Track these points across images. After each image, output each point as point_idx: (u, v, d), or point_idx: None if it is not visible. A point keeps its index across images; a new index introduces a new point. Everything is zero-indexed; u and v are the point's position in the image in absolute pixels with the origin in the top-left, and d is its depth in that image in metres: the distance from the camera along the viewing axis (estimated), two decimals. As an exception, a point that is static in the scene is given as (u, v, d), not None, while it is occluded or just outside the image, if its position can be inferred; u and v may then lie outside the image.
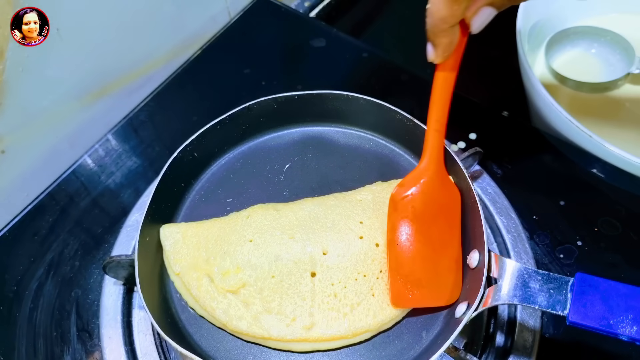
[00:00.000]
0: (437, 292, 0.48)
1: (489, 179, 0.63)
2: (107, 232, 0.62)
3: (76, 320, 0.56)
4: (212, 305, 0.48)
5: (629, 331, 0.39)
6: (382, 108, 0.58)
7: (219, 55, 0.81)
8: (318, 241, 0.51)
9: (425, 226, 0.49)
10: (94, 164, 0.69)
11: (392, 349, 0.48)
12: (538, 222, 0.60)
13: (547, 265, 0.57)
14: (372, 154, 0.61)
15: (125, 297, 0.56)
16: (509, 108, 0.71)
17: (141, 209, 0.55)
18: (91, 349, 0.55)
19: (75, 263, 0.60)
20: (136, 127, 0.73)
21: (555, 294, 0.42)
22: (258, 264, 0.50)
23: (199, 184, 0.59)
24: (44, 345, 0.55)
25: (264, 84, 0.76)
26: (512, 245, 0.58)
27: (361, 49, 0.80)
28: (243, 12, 0.86)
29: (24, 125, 0.63)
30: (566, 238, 0.59)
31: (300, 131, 0.63)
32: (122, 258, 0.52)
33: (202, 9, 0.80)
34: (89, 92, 0.69)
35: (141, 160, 0.69)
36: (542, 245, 0.59)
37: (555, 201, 0.62)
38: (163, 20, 0.75)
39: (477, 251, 0.48)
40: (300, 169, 0.60)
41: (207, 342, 0.49)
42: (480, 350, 0.52)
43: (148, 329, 0.54)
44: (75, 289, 0.58)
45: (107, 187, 0.67)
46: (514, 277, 0.44)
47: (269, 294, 0.49)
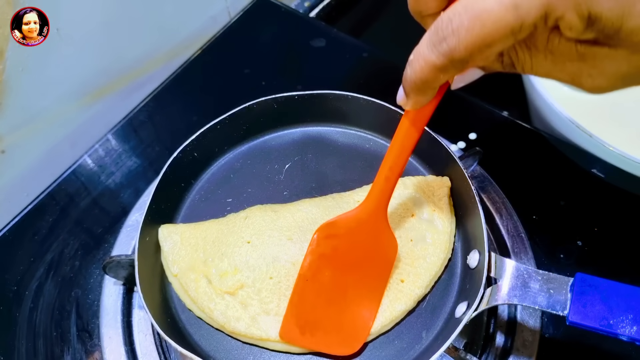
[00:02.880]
0: (333, 340, 0.46)
1: (489, 179, 0.63)
2: (107, 232, 0.62)
3: (76, 320, 0.56)
4: (210, 307, 0.48)
5: (629, 331, 0.39)
6: (382, 108, 0.58)
7: (219, 55, 0.81)
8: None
9: (342, 271, 0.47)
10: (94, 164, 0.69)
11: (392, 349, 0.48)
12: (538, 222, 0.60)
13: (547, 265, 0.57)
14: (372, 154, 0.61)
15: (125, 297, 0.56)
16: (509, 108, 0.71)
17: (141, 209, 0.55)
18: (91, 349, 0.54)
19: (75, 263, 0.60)
20: (136, 127, 0.73)
21: (555, 294, 0.42)
22: (256, 265, 0.49)
23: (199, 184, 0.59)
24: (44, 345, 0.55)
25: (264, 84, 0.76)
26: (512, 245, 0.58)
27: (361, 49, 0.80)
28: (243, 12, 0.86)
29: (24, 125, 0.63)
30: (566, 238, 0.59)
31: (300, 131, 0.63)
32: (122, 258, 0.52)
33: (202, 9, 0.80)
34: (89, 92, 0.69)
35: (141, 160, 0.69)
36: (542, 245, 0.59)
37: (555, 201, 0.62)
38: (163, 20, 0.75)
39: (477, 251, 0.48)
40: (300, 169, 0.60)
41: (207, 342, 0.49)
42: (480, 351, 0.52)
43: (148, 329, 0.54)
44: (75, 289, 0.58)
45: (107, 187, 0.67)
46: (514, 277, 0.44)
47: (267, 295, 0.48)
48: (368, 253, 0.48)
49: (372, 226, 0.47)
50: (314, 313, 0.47)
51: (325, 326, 0.47)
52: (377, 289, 0.48)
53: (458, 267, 0.52)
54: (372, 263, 0.48)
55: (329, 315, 0.47)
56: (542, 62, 0.32)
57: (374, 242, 0.48)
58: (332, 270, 0.47)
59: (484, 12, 0.27)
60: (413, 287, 0.49)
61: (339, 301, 0.47)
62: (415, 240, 0.51)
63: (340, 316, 0.47)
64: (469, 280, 0.48)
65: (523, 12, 0.27)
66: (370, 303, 0.48)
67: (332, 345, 0.47)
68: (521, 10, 0.27)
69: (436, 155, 0.55)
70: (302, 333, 0.46)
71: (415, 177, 0.56)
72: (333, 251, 0.47)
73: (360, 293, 0.48)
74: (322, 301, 0.47)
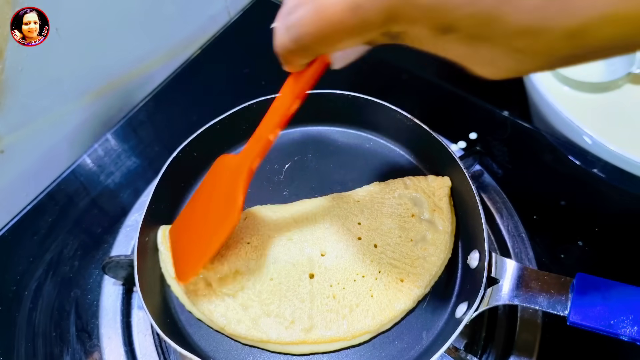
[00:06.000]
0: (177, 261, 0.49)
1: (489, 179, 0.63)
2: (106, 232, 0.62)
3: (75, 320, 0.56)
4: (210, 309, 0.48)
5: (630, 331, 0.39)
6: (382, 108, 0.58)
7: (219, 55, 0.81)
8: (316, 242, 0.50)
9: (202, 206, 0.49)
10: (93, 164, 0.69)
11: (392, 350, 0.47)
12: (538, 222, 0.60)
13: (547, 265, 0.57)
14: (372, 154, 0.60)
15: (124, 298, 0.56)
16: (510, 108, 0.71)
17: (141, 209, 0.55)
18: (90, 349, 0.54)
19: (74, 263, 0.60)
20: (135, 127, 0.73)
21: (556, 294, 0.42)
22: (256, 266, 0.49)
23: (198, 184, 0.59)
24: (43, 346, 0.55)
25: (263, 84, 0.76)
26: (513, 245, 0.58)
27: (361, 48, 0.79)
28: (243, 11, 0.86)
29: (23, 125, 0.63)
30: (566, 238, 0.59)
31: (300, 131, 0.63)
32: (122, 258, 0.52)
33: (202, 9, 0.80)
34: (88, 91, 0.69)
35: (140, 160, 0.69)
36: (543, 245, 0.59)
37: (555, 201, 0.62)
38: (163, 20, 0.75)
39: (477, 251, 0.48)
40: (300, 169, 0.60)
41: (207, 342, 0.49)
42: (480, 351, 0.52)
43: (147, 330, 0.54)
44: (74, 289, 0.58)
45: (107, 187, 0.67)
46: (514, 277, 0.44)
47: (267, 296, 0.48)
48: (221, 202, 0.46)
49: (233, 179, 0.45)
50: (181, 228, 0.51)
51: (180, 244, 0.49)
52: (210, 243, 0.46)
53: (458, 267, 0.52)
54: (218, 215, 0.46)
55: (184, 237, 0.49)
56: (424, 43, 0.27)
57: (226, 195, 0.46)
58: (203, 199, 0.49)
59: (325, 8, 0.26)
60: (413, 287, 0.49)
61: (192, 230, 0.49)
62: (415, 240, 0.51)
63: (186, 244, 0.49)
64: (469, 281, 0.48)
65: (363, 13, 0.25)
66: (202, 251, 0.46)
67: (175, 264, 0.49)
68: (361, 11, 0.25)
69: (436, 155, 0.55)
70: (172, 240, 0.51)
71: (416, 177, 0.55)
72: (210, 183, 0.49)
73: (202, 235, 0.48)
74: (188, 222, 0.50)
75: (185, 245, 0.49)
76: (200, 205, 0.50)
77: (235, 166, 0.45)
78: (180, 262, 0.49)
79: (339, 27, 0.26)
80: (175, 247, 0.50)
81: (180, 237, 0.50)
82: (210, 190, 0.49)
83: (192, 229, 0.49)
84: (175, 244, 0.50)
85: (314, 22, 0.27)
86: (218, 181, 0.48)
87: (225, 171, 0.47)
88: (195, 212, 0.50)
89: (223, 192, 0.46)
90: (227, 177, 0.46)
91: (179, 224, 0.52)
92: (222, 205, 0.46)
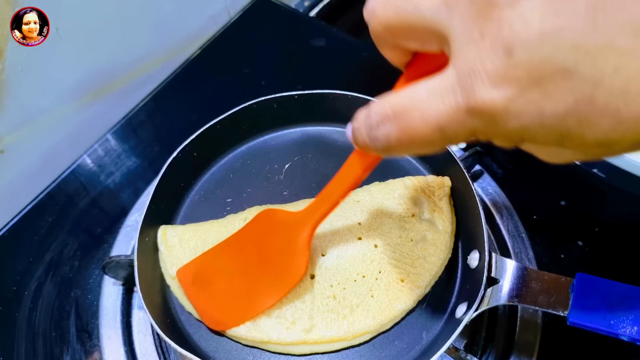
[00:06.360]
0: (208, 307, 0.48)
1: (489, 179, 0.63)
2: (106, 232, 0.62)
3: (75, 320, 0.56)
4: None
5: (630, 331, 0.39)
6: (382, 108, 0.58)
7: (219, 55, 0.81)
8: (316, 242, 0.50)
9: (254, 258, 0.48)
10: (93, 164, 0.69)
11: (392, 350, 0.47)
12: (538, 222, 0.60)
13: (547, 265, 0.57)
14: (372, 154, 0.60)
15: (124, 298, 0.56)
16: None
17: (140, 209, 0.55)
18: (90, 349, 0.54)
19: (74, 263, 0.60)
20: (135, 127, 0.73)
21: (556, 294, 0.42)
22: (256, 267, 0.49)
23: (198, 184, 0.59)
24: (43, 346, 0.55)
25: (264, 84, 0.76)
26: (512, 245, 0.58)
27: (361, 48, 0.80)
28: (243, 11, 0.86)
29: (24, 125, 0.63)
30: (567, 238, 0.59)
31: (300, 131, 0.63)
32: (122, 258, 0.52)
33: (202, 9, 0.80)
34: (88, 91, 0.69)
35: (140, 160, 0.69)
36: (543, 245, 0.59)
37: (555, 201, 0.62)
38: (163, 20, 0.75)
39: (477, 251, 0.48)
40: (300, 169, 0.60)
41: (207, 343, 0.49)
42: (480, 351, 0.52)
43: (148, 330, 0.54)
44: (74, 289, 0.58)
45: (107, 187, 0.67)
46: (514, 277, 0.44)
47: (267, 297, 0.48)
48: (279, 257, 0.47)
49: (294, 235, 0.46)
50: (213, 275, 0.48)
51: (213, 292, 0.48)
52: (267, 296, 0.47)
53: (458, 267, 0.52)
54: (277, 270, 0.47)
55: (222, 285, 0.48)
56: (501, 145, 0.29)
57: (288, 251, 0.47)
58: (248, 251, 0.48)
59: (413, 130, 0.27)
60: (413, 287, 0.49)
61: (236, 281, 0.48)
62: (415, 240, 0.51)
63: (228, 293, 0.48)
64: (469, 281, 0.48)
65: (450, 134, 0.26)
66: (254, 304, 0.47)
67: (205, 311, 0.48)
68: (448, 133, 0.26)
69: (436, 155, 0.55)
70: (193, 282, 0.48)
71: (416, 177, 0.55)
72: (259, 235, 0.48)
73: (253, 288, 0.48)
74: (226, 270, 0.48)
75: (224, 294, 0.48)
76: (243, 256, 0.48)
77: (297, 222, 0.46)
78: (214, 309, 0.48)
79: (426, 144, 0.28)
80: (200, 292, 0.48)
81: (211, 283, 0.48)
82: (259, 243, 0.48)
83: (234, 279, 0.48)
84: (202, 289, 0.48)
85: (401, 141, 0.28)
86: (271, 236, 0.48)
87: (282, 226, 0.47)
88: (236, 262, 0.49)
89: (281, 247, 0.47)
90: (286, 233, 0.47)
91: (205, 268, 0.49)
92: (281, 260, 0.47)
